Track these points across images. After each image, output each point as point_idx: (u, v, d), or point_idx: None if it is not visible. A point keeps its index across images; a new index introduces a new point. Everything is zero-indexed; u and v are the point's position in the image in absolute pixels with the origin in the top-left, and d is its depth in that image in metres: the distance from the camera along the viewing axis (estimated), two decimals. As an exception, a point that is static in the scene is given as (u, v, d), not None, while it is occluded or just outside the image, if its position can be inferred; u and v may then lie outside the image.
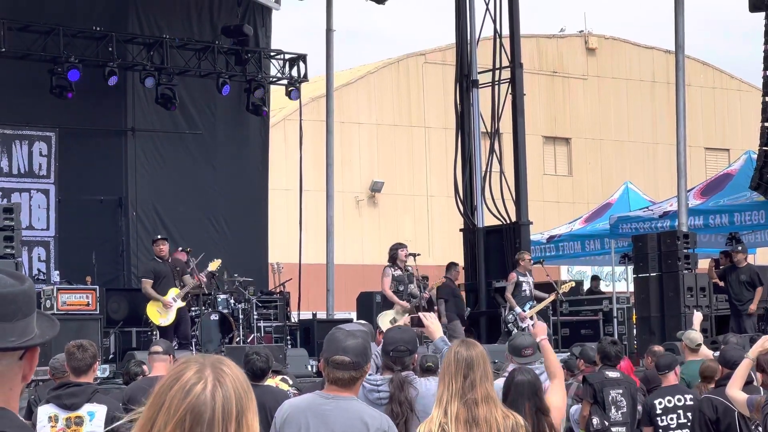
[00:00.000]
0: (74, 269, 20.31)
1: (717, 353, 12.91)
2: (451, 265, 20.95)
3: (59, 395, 8.38)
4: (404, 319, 18.17)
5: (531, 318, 19.32)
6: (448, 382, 6.03)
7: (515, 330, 18.36)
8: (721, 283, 21.24)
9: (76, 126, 22.20)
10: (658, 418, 10.89)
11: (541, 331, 8.26)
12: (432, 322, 7.70)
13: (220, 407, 2.52)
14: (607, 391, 11.49)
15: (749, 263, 21.30)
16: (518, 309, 19.29)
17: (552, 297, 19.73)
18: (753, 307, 20.06)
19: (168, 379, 2.56)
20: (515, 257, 19.93)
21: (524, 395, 7.06)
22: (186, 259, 18.66)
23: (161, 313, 17.73)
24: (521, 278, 19.50)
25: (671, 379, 11.42)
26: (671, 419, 10.83)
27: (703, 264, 23.63)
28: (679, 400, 10.92)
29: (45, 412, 8.38)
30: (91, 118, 22.45)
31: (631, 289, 24.83)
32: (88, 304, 18.07)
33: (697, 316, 14.50)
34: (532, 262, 20.00)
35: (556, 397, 7.77)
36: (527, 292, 19.47)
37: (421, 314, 8.17)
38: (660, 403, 10.98)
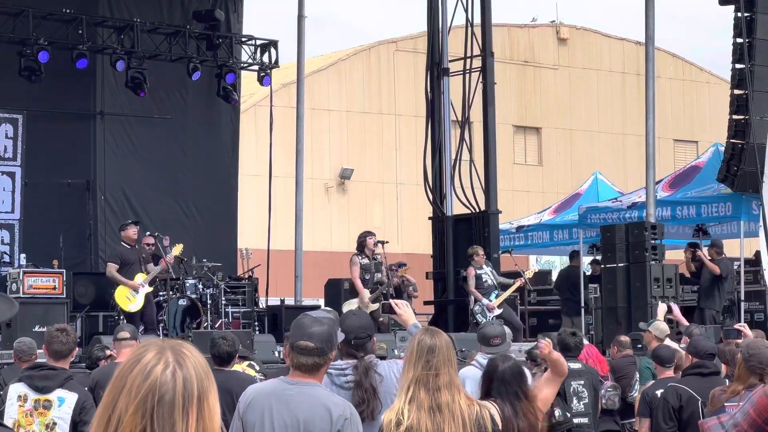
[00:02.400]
0: (41, 253, 20.22)
1: (682, 344, 13.01)
2: None
3: (32, 376, 8.37)
4: (371, 307, 18.24)
5: (499, 307, 19.41)
6: (411, 369, 6.06)
7: (483, 321, 18.46)
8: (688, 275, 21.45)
9: (45, 109, 22.08)
10: None
11: (546, 348, 8.25)
12: (405, 309, 7.73)
13: (180, 389, 2.53)
14: (568, 383, 11.56)
15: (725, 259, 21.46)
16: (485, 300, 19.36)
17: (518, 283, 19.82)
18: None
19: (128, 362, 2.57)
20: (468, 252, 19.97)
21: (508, 382, 7.10)
22: (153, 242, 18.61)
23: (130, 299, 17.68)
24: (479, 271, 19.61)
25: (671, 372, 11.48)
26: None
27: (677, 255, 23.79)
28: None
29: (15, 390, 8.37)
30: (60, 101, 22.34)
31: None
32: (54, 288, 18.01)
33: (662, 308, 14.58)
34: (484, 255, 20.02)
35: (549, 390, 7.81)
36: (488, 282, 19.57)
37: (392, 301, 8.18)
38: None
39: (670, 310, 17.07)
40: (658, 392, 11.10)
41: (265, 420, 5.84)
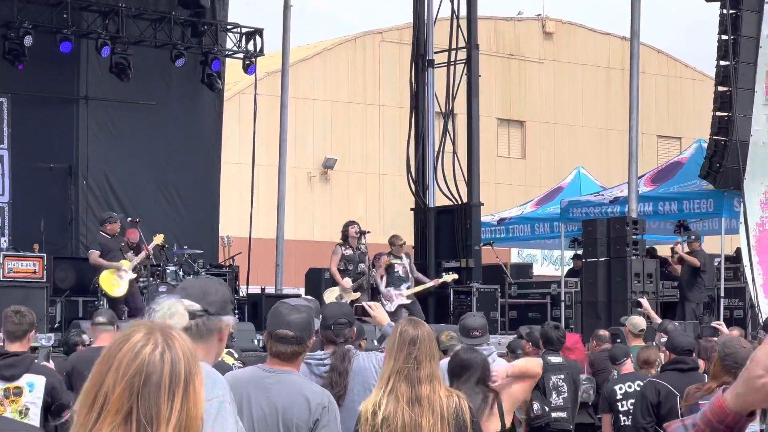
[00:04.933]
0: (22, 236, 20.18)
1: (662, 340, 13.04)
2: None
3: None
4: (353, 296, 18.27)
5: (409, 298, 19.39)
6: (392, 360, 6.06)
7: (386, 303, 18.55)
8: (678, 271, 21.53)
9: (28, 92, 22.00)
10: (618, 404, 11.03)
11: (499, 378, 8.12)
12: (377, 312, 7.75)
13: (168, 370, 2.54)
14: (548, 377, 11.61)
15: (702, 249, 21.56)
16: (383, 289, 19.35)
17: (432, 283, 19.85)
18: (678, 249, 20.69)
19: (117, 342, 2.58)
20: (389, 240, 19.99)
21: (472, 372, 7.11)
22: (137, 236, 18.60)
23: (115, 283, 17.65)
24: (394, 260, 19.59)
25: (629, 366, 11.55)
26: (631, 404, 10.97)
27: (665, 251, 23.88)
28: (639, 385, 11.07)
29: (-17, 380, 8.33)
30: (44, 85, 22.25)
31: (565, 272, 25.01)
32: (34, 272, 17.95)
33: (644, 303, 14.65)
34: (403, 245, 19.99)
35: (519, 386, 7.80)
36: (400, 272, 19.56)
37: (365, 304, 8.21)
38: (620, 389, 11.12)
39: (639, 305, 17.15)
40: (616, 387, 11.16)
41: (243, 408, 5.83)
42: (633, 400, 10.96)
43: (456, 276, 20.26)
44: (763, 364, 2.27)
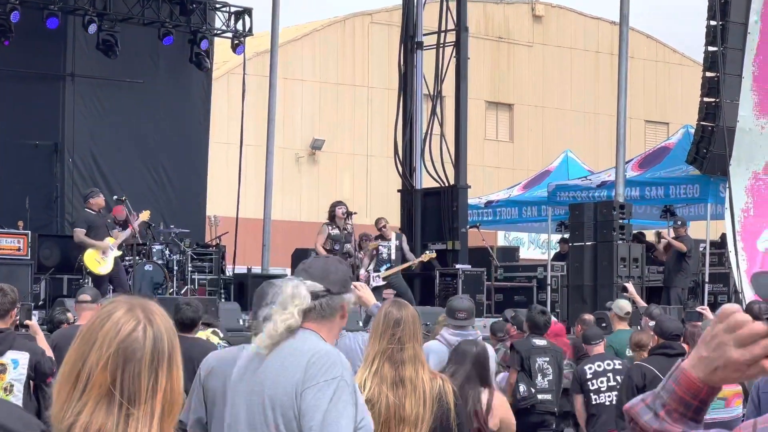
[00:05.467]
0: (6, 214, 20.09)
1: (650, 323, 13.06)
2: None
3: None
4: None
5: (384, 279, 19.42)
6: (376, 341, 6.06)
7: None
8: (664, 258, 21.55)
9: (15, 69, 21.89)
10: (589, 383, 11.06)
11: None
12: (363, 292, 7.74)
13: (151, 346, 2.55)
14: (533, 359, 11.64)
15: (687, 235, 21.59)
16: (361, 272, 19.40)
17: (410, 263, 19.87)
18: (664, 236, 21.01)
19: (99, 319, 2.58)
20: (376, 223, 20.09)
21: (467, 364, 7.14)
22: (123, 212, 18.52)
23: (99, 262, 17.58)
24: (381, 244, 19.68)
25: (600, 348, 11.61)
26: (601, 382, 11.02)
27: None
28: (608, 364, 11.13)
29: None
30: (30, 61, 22.14)
31: (551, 256, 25.05)
32: (19, 249, 17.89)
33: (629, 287, 14.67)
34: (386, 227, 20.04)
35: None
36: (383, 255, 19.61)
37: (352, 284, 8.19)
38: (590, 369, 11.15)
39: (625, 290, 17.18)
40: (586, 368, 11.21)
41: (227, 387, 5.83)
42: (603, 378, 11.01)
43: (434, 255, 20.25)
44: (743, 365, 2.25)
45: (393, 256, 19.68)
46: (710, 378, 2.27)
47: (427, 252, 20.29)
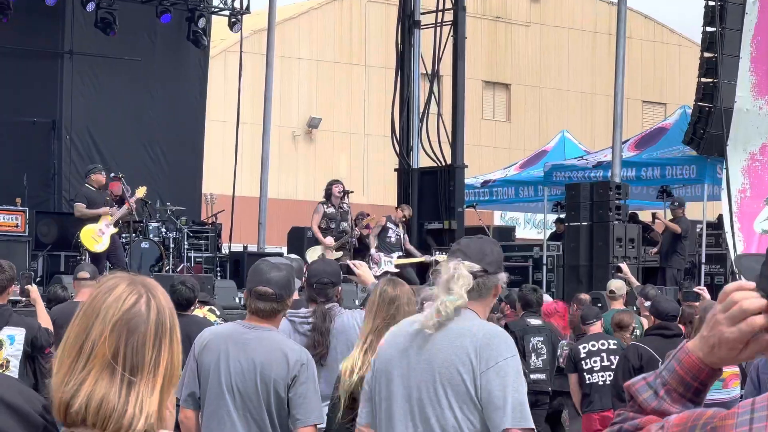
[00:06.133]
0: (4, 190, 20.08)
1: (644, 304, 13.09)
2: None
3: None
4: (335, 255, 18.29)
5: (397, 267, 19.44)
6: (372, 319, 6.09)
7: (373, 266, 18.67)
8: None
9: (13, 45, 21.86)
10: (582, 362, 11.09)
11: None
12: (362, 270, 7.76)
13: (154, 319, 2.59)
14: (528, 339, 11.68)
15: (684, 216, 21.62)
16: (372, 251, 19.45)
17: (422, 259, 19.87)
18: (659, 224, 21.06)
19: (101, 293, 2.62)
20: (398, 206, 20.15)
21: None
22: (119, 188, 18.54)
23: (96, 239, 17.59)
24: (389, 224, 19.71)
25: (597, 327, 11.64)
26: (594, 362, 11.04)
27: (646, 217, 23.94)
28: (602, 344, 11.15)
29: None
30: (29, 38, 22.11)
31: (547, 236, 25.10)
32: (16, 226, 17.92)
33: (624, 267, 14.68)
34: (406, 218, 20.08)
35: None
36: (392, 239, 19.68)
37: (350, 262, 8.23)
38: (584, 348, 11.19)
39: (619, 270, 17.22)
40: (581, 347, 11.24)
41: (221, 362, 5.87)
42: (596, 358, 11.04)
43: (434, 259, 20.25)
44: (734, 342, 2.27)
45: (403, 245, 19.76)
46: (709, 358, 2.29)
47: (441, 254, 20.38)
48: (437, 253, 20.42)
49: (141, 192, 18.45)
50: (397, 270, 19.38)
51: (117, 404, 2.52)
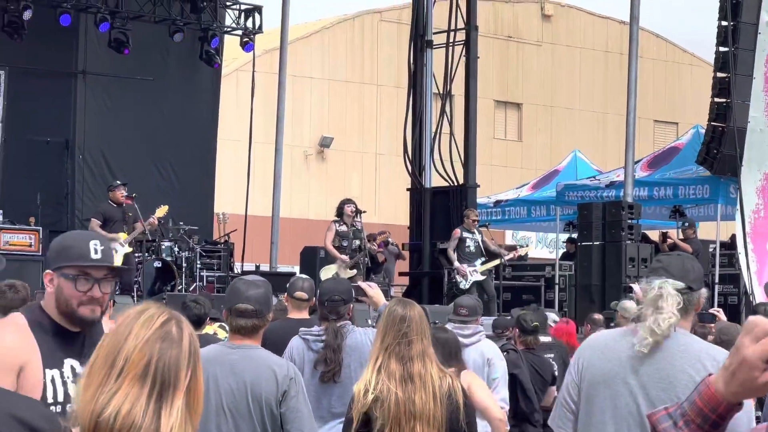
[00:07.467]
0: (18, 210, 20.12)
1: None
2: None
3: None
4: (348, 273, 18.29)
5: (482, 274, 19.57)
6: (383, 338, 6.06)
7: (462, 282, 18.84)
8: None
9: (26, 65, 21.94)
10: None
11: None
12: (374, 291, 7.76)
13: (187, 341, 2.68)
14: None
15: (696, 237, 21.56)
16: (456, 264, 19.51)
17: (510, 255, 20.05)
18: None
19: (132, 314, 2.70)
20: (463, 213, 20.19)
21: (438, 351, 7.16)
22: (132, 203, 18.58)
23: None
24: (465, 234, 19.72)
25: None
26: None
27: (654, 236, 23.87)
28: None
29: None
30: (42, 58, 22.19)
31: (559, 255, 25.07)
32: (30, 245, 17.95)
33: (635, 288, 14.58)
34: (477, 221, 20.15)
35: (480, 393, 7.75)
36: (471, 248, 19.69)
37: (361, 283, 8.23)
38: None
39: (631, 290, 17.17)
40: None
41: (210, 386, 5.83)
42: None
43: (527, 250, 20.41)
44: (756, 361, 2.26)
45: (482, 249, 19.85)
46: (729, 387, 2.28)
47: (525, 246, 20.51)
48: (519, 246, 20.54)
49: (162, 211, 18.50)
50: (483, 278, 19.52)
51: (143, 418, 2.57)
